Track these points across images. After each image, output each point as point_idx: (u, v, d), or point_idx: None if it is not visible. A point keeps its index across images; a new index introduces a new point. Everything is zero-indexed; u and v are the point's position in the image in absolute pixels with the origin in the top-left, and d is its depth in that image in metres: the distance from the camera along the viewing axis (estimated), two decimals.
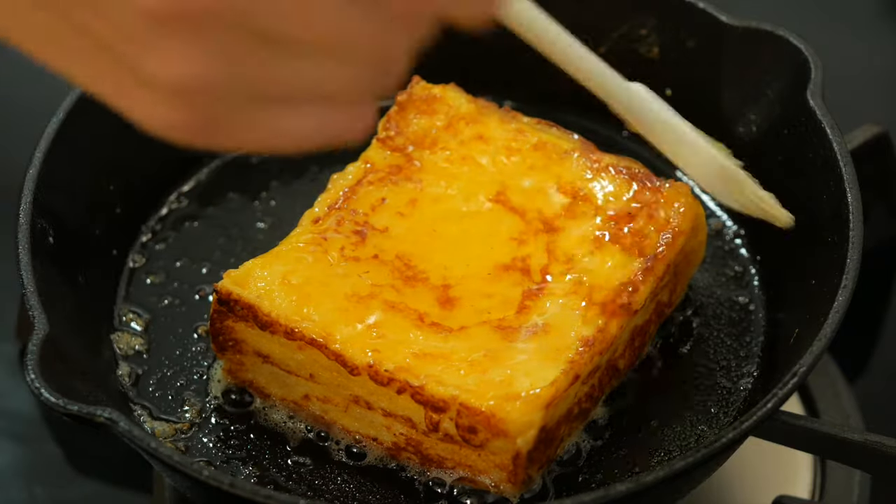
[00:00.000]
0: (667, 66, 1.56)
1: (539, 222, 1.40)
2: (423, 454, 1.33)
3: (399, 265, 1.37)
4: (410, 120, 1.47)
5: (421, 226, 1.40)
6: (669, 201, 1.40)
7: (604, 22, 1.58)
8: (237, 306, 1.33)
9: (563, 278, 1.36)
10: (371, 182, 1.43)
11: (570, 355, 1.30)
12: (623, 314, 1.33)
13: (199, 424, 1.38)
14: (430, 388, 1.28)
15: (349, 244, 1.38)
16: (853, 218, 1.36)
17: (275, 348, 1.34)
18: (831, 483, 1.51)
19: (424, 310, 1.34)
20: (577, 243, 1.38)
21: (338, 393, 1.33)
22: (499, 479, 1.30)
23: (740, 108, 1.51)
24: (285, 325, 1.32)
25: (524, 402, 1.26)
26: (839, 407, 1.57)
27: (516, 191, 1.43)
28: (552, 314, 1.33)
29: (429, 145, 1.46)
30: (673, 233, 1.38)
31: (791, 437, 1.36)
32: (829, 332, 1.29)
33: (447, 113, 1.48)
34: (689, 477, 1.29)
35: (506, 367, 1.29)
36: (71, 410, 1.21)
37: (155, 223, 1.54)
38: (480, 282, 1.36)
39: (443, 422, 1.29)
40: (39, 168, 1.39)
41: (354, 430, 1.35)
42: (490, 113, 1.48)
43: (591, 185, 1.42)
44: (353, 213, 1.40)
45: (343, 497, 1.33)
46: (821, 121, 1.42)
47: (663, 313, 1.43)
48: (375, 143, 1.46)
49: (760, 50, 1.48)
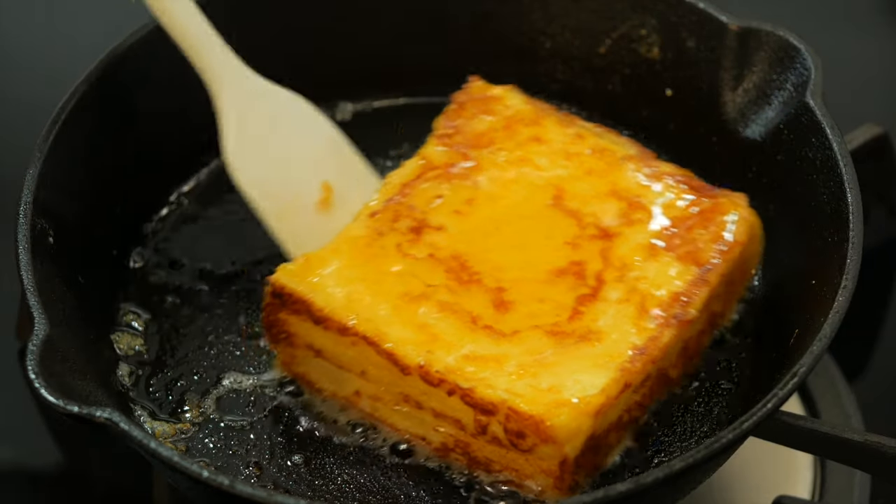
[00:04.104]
0: (667, 66, 1.56)
1: (594, 228, 1.39)
2: (471, 456, 1.32)
3: (454, 265, 1.36)
4: (468, 119, 1.46)
5: (476, 226, 1.39)
6: (726, 211, 1.39)
7: (604, 22, 1.58)
8: (290, 300, 1.33)
9: (617, 285, 1.35)
10: (428, 179, 1.42)
11: (621, 363, 1.29)
12: (676, 324, 1.32)
13: (200, 424, 1.38)
14: (479, 391, 1.28)
15: (405, 241, 1.37)
16: (853, 218, 1.36)
17: (327, 343, 1.34)
18: (831, 483, 1.51)
19: (478, 312, 1.33)
20: (632, 250, 1.37)
21: (388, 391, 1.33)
22: (545, 485, 1.30)
23: (740, 107, 1.51)
24: (338, 321, 1.32)
25: (573, 409, 1.26)
26: (839, 407, 1.57)
27: (572, 195, 1.41)
28: (605, 321, 1.32)
29: (486, 145, 1.44)
30: (728, 244, 1.37)
31: (791, 437, 1.36)
32: (829, 332, 1.29)
33: (505, 113, 1.47)
34: (689, 477, 1.29)
35: (556, 373, 1.28)
36: (71, 410, 1.21)
37: (155, 223, 1.54)
38: (534, 285, 1.35)
39: (491, 425, 1.28)
40: (39, 168, 1.39)
41: (403, 428, 1.35)
42: (548, 115, 1.47)
43: (647, 192, 1.41)
44: (409, 209, 1.39)
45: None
46: (821, 121, 1.42)
47: (716, 324, 1.41)
48: (432, 139, 1.45)
49: (760, 50, 1.48)
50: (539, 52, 1.60)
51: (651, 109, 1.57)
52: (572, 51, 1.60)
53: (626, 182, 1.42)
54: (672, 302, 1.33)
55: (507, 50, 1.61)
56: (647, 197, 1.41)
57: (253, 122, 1.47)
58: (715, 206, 1.40)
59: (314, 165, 1.49)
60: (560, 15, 1.59)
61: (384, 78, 1.63)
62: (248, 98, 1.47)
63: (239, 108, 1.47)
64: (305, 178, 1.48)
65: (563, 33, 1.59)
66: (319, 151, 1.50)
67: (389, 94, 1.64)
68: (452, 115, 1.47)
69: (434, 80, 1.57)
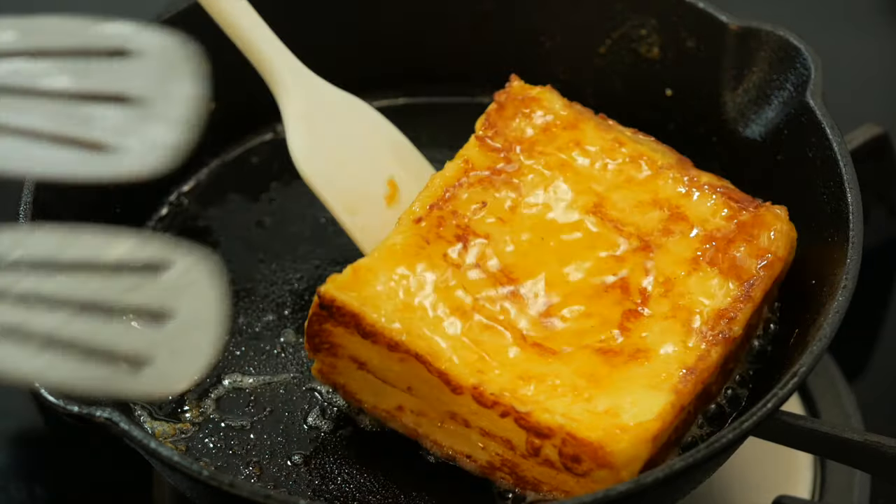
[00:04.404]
0: (667, 66, 1.56)
1: (636, 239, 1.37)
2: (519, 475, 1.31)
3: (500, 277, 1.34)
4: (508, 119, 1.44)
5: (520, 235, 1.37)
6: (767, 226, 1.37)
7: (604, 22, 1.58)
8: (339, 312, 1.30)
9: (662, 300, 1.34)
10: (471, 183, 1.39)
11: (673, 383, 1.28)
12: (723, 342, 1.32)
13: (200, 424, 1.38)
14: (536, 415, 1.26)
15: (451, 250, 1.35)
16: (853, 218, 1.36)
17: (373, 357, 1.31)
18: (831, 483, 1.51)
19: (526, 328, 1.31)
20: (675, 264, 1.36)
21: (434, 408, 1.31)
22: None
23: (740, 107, 1.51)
24: (390, 337, 1.29)
25: (633, 436, 1.25)
26: (839, 407, 1.57)
27: (613, 204, 1.40)
28: (652, 338, 1.31)
29: (526, 148, 1.42)
30: (770, 259, 1.36)
31: (791, 437, 1.36)
32: (829, 332, 1.29)
33: (544, 116, 1.45)
34: (689, 477, 1.28)
35: (610, 395, 1.27)
36: (71, 410, 1.21)
37: (155, 223, 1.54)
38: (580, 300, 1.34)
39: (545, 447, 1.27)
40: None
41: (448, 445, 1.33)
42: (586, 119, 1.45)
43: (688, 203, 1.39)
44: (453, 216, 1.37)
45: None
46: (821, 121, 1.42)
47: (751, 336, 1.40)
48: (474, 140, 1.43)
49: (760, 50, 1.48)
50: (539, 52, 1.60)
51: (651, 109, 1.57)
52: (572, 51, 1.60)
53: (666, 192, 1.40)
54: (718, 319, 1.32)
55: (508, 50, 1.61)
56: (687, 208, 1.39)
57: (316, 120, 1.48)
58: (756, 218, 1.38)
59: (378, 162, 1.50)
60: (560, 15, 1.59)
61: (383, 78, 1.63)
62: (309, 97, 1.48)
63: (302, 107, 1.47)
64: (371, 173, 1.49)
65: (563, 33, 1.59)
66: (381, 148, 1.51)
67: (388, 95, 1.64)
68: (493, 115, 1.44)
69: (434, 80, 1.57)
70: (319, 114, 1.48)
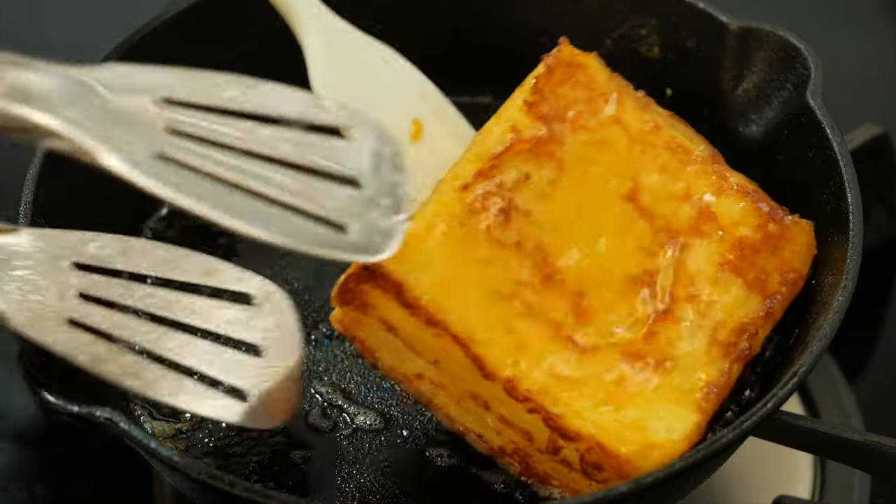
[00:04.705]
0: (667, 66, 1.56)
1: (666, 233, 1.36)
2: (528, 465, 1.31)
3: (538, 259, 1.32)
4: (555, 87, 1.41)
5: (558, 214, 1.35)
6: (794, 240, 1.37)
7: (604, 22, 1.58)
8: (383, 277, 1.28)
9: (687, 306, 1.33)
10: (518, 152, 1.36)
11: (697, 398, 1.28)
12: (743, 358, 1.32)
13: (200, 424, 1.38)
14: (567, 419, 1.26)
15: (495, 224, 1.32)
16: (853, 218, 1.36)
17: (407, 325, 1.30)
18: (831, 483, 1.51)
19: (560, 319, 1.30)
20: (702, 268, 1.34)
21: (456, 385, 1.31)
22: None
23: (740, 107, 1.51)
24: (431, 314, 1.28)
25: (661, 455, 1.25)
26: (839, 407, 1.57)
27: (647, 190, 1.38)
28: (679, 346, 1.31)
29: (571, 120, 1.39)
30: (794, 276, 1.36)
31: (791, 437, 1.36)
32: (829, 332, 1.29)
33: (589, 85, 1.42)
34: (689, 477, 1.29)
35: (638, 405, 1.27)
36: (71, 410, 1.21)
37: (155, 223, 1.54)
38: (610, 292, 1.33)
39: (566, 448, 1.27)
40: (39, 168, 1.39)
41: (460, 421, 1.33)
42: (627, 94, 1.43)
43: (718, 203, 1.38)
44: (499, 188, 1.34)
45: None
46: (821, 121, 1.42)
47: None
48: (522, 105, 1.40)
49: (760, 50, 1.48)
50: (539, 52, 1.60)
51: None
52: None
53: (697, 187, 1.39)
54: (740, 333, 1.32)
55: (507, 50, 1.61)
56: (717, 208, 1.38)
57: (339, 56, 1.47)
58: (784, 231, 1.37)
59: (403, 102, 1.49)
60: (560, 15, 1.59)
61: None
62: (331, 34, 1.47)
63: (323, 42, 1.46)
64: (396, 110, 1.47)
65: (563, 33, 1.59)
66: (407, 90, 1.50)
67: None
68: (542, 80, 1.41)
69: (433, 80, 1.57)
70: (340, 47, 1.47)
